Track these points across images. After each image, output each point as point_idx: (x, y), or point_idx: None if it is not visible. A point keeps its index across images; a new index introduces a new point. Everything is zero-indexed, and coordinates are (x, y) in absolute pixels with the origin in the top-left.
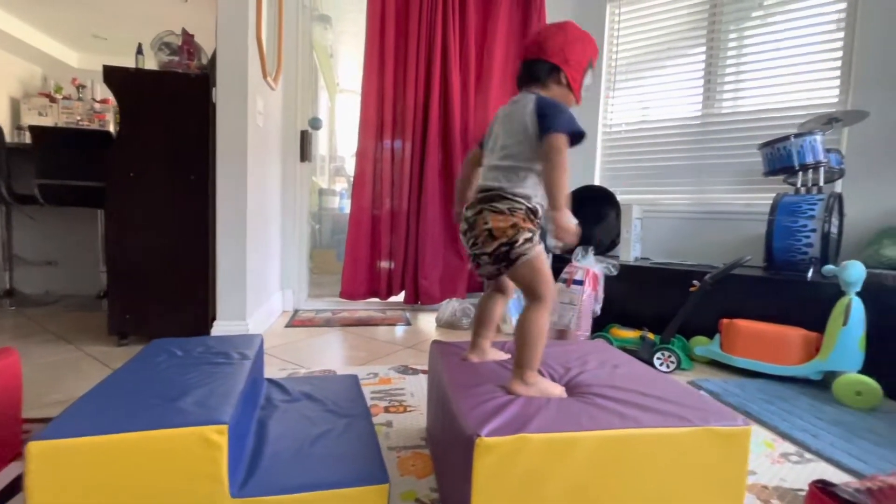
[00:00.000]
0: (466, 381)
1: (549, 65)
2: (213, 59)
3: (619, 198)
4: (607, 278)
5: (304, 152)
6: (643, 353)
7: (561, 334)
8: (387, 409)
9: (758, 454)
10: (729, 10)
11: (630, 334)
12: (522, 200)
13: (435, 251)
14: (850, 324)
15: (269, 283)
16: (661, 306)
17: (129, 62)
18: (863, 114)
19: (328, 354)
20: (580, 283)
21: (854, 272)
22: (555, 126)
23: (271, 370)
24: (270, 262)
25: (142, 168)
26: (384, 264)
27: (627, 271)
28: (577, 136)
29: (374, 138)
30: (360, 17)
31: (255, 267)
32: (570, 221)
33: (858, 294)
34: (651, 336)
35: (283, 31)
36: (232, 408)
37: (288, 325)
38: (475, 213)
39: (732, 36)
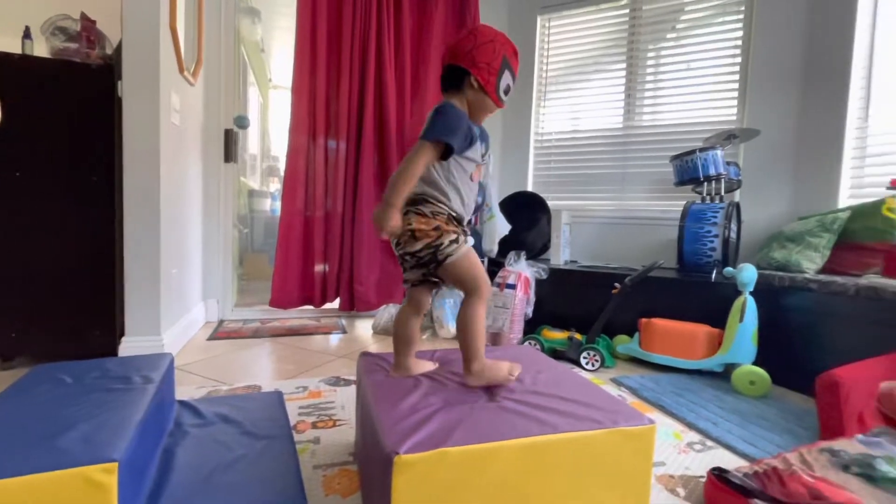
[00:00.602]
0: (390, 396)
1: (461, 69)
2: (118, 49)
3: (549, 203)
4: (538, 281)
5: (229, 152)
6: (570, 354)
7: (495, 337)
8: (315, 425)
9: (667, 445)
10: (647, 31)
11: (559, 335)
12: (444, 206)
13: (371, 255)
14: (745, 320)
15: (188, 294)
16: (588, 307)
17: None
18: (755, 132)
19: (253, 368)
20: (513, 286)
21: (748, 274)
22: (422, 133)
23: (188, 389)
24: (190, 271)
25: (30, 167)
26: (318, 270)
27: (557, 274)
28: (448, 147)
29: (306, 138)
30: (292, 12)
31: (170, 276)
32: (383, 218)
33: (752, 293)
34: (578, 337)
35: (204, 23)
36: (125, 441)
37: (211, 338)
38: (402, 215)
39: (650, 55)
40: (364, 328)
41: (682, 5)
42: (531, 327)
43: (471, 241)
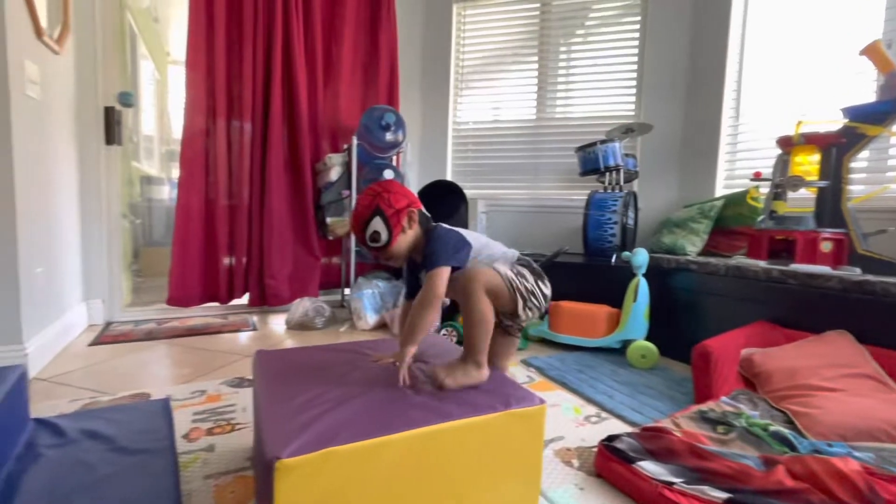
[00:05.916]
0: (282, 394)
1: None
2: None
3: (467, 192)
4: None
5: (111, 133)
6: None
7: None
8: (210, 431)
9: (567, 420)
10: (556, 27)
11: None
12: None
13: (283, 247)
14: (638, 300)
15: (62, 295)
16: None
17: None
18: (648, 126)
19: (142, 375)
20: None
21: (640, 257)
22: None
23: (57, 404)
24: (64, 269)
25: None
26: (224, 263)
27: None
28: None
29: (204, 119)
30: None
31: (34, 276)
32: None
33: (644, 275)
34: None
35: None
36: None
37: (93, 343)
38: None
39: (562, 49)
40: (277, 324)
41: (588, 3)
42: (450, 315)
43: None
